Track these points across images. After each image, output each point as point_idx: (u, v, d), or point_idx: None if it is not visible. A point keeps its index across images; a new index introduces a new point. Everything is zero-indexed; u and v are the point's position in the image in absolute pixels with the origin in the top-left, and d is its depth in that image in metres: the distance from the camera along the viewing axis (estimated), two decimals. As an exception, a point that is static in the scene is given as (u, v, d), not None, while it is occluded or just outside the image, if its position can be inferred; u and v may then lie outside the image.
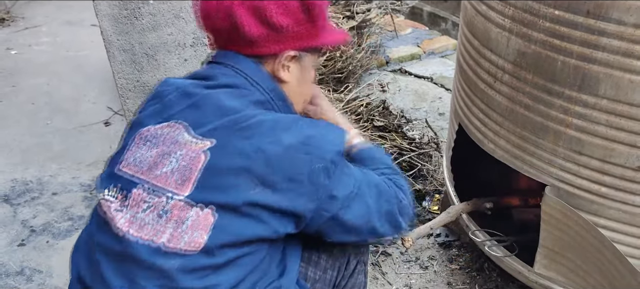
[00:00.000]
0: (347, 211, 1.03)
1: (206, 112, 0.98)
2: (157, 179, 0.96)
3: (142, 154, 0.99)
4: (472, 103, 1.63)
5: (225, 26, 1.00)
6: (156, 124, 1.01)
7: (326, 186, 0.98)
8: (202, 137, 0.96)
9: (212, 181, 0.93)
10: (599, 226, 1.36)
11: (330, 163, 0.98)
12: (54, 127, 3.06)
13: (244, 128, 0.95)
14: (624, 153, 1.25)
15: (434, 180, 2.37)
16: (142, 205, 0.95)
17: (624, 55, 1.15)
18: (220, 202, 0.92)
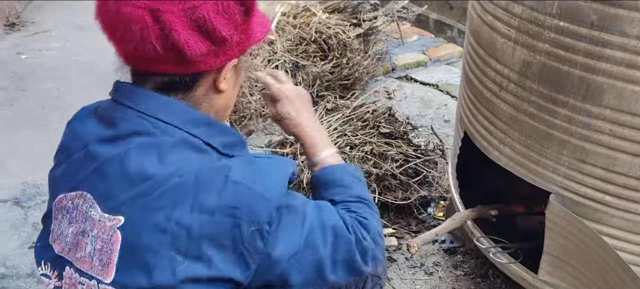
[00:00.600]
0: (293, 270, 0.90)
1: (111, 183, 0.85)
2: (81, 262, 0.87)
3: (63, 230, 0.90)
4: (478, 111, 1.65)
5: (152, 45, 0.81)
6: (67, 192, 0.91)
7: (262, 249, 0.85)
8: (110, 214, 0.84)
9: (131, 263, 0.83)
10: (603, 234, 1.37)
11: (266, 224, 0.84)
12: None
13: (157, 198, 0.82)
14: (627, 162, 1.27)
15: (439, 187, 2.39)
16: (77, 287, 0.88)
17: (627, 66, 1.18)
18: (146, 286, 0.82)
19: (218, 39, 0.85)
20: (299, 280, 0.91)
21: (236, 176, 0.84)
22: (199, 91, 0.91)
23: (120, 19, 0.80)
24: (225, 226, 0.82)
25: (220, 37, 0.84)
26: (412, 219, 2.31)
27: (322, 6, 3.16)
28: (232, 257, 0.83)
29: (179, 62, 0.84)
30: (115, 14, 0.81)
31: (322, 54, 3.05)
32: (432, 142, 2.59)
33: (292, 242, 0.89)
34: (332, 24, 3.04)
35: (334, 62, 3.04)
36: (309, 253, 0.91)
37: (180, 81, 0.88)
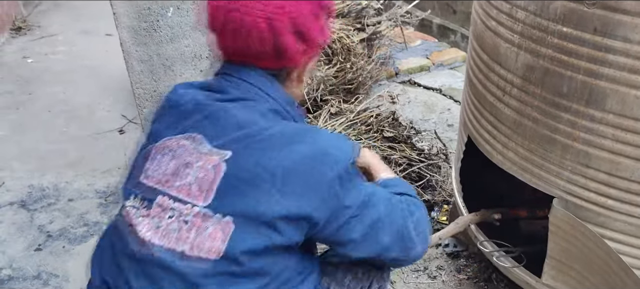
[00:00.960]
0: (357, 223, 1.05)
1: (222, 125, 1.01)
2: (178, 189, 1.00)
3: (162, 165, 1.03)
4: (481, 116, 1.66)
5: (264, 47, 1.01)
6: (173, 136, 1.05)
7: (339, 194, 1.01)
8: (218, 149, 0.99)
9: (230, 191, 0.97)
10: (606, 238, 1.38)
11: (344, 172, 1.02)
12: (69, 135, 3.13)
13: (260, 141, 0.99)
14: (630, 166, 1.28)
15: (442, 191, 2.40)
16: (165, 214, 1.00)
17: (630, 71, 1.19)
18: (239, 212, 0.96)
19: (309, 40, 1.05)
20: (359, 234, 1.06)
21: (319, 136, 1.04)
22: (288, 82, 1.11)
23: (243, 26, 0.99)
24: (313, 168, 0.99)
25: (311, 39, 1.05)
26: (415, 223, 2.31)
27: (326, 11, 3.18)
28: (315, 196, 0.99)
29: (279, 59, 1.04)
30: (240, 23, 0.99)
31: (326, 59, 3.07)
32: (435, 146, 2.60)
33: (359, 195, 1.05)
34: (336, 29, 3.06)
35: (338, 66, 3.05)
36: (370, 211, 1.06)
37: (276, 73, 1.08)
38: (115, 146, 2.99)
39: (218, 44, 1.07)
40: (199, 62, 1.94)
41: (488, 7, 1.55)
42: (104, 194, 2.57)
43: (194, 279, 0.96)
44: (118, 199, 2.52)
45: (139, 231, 1.00)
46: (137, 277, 1.00)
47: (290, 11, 1.00)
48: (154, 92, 1.95)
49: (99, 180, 2.68)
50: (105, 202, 2.51)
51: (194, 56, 1.92)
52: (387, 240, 1.10)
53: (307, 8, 1.03)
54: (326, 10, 1.09)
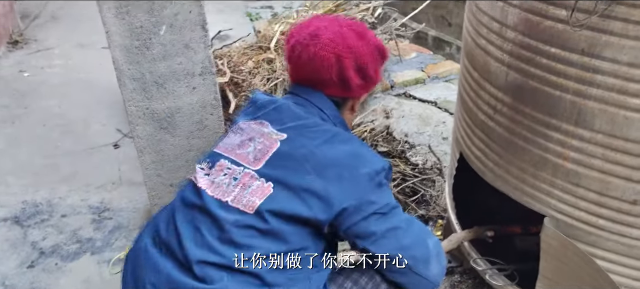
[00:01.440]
0: (382, 218, 1.19)
1: (285, 115, 1.27)
2: (238, 156, 1.23)
3: (232, 139, 1.29)
4: (473, 133, 1.66)
5: (330, 76, 1.25)
6: (247, 120, 1.32)
7: (366, 188, 1.17)
8: (278, 132, 1.23)
9: (278, 163, 1.18)
10: (597, 257, 1.38)
11: (375, 173, 1.19)
12: (64, 149, 3.12)
13: (311, 131, 1.22)
14: (621, 187, 1.28)
15: (436, 205, 2.39)
16: (221, 172, 1.22)
17: (618, 92, 1.19)
18: (280, 180, 1.16)
19: (368, 77, 1.30)
20: (380, 229, 1.18)
21: (360, 144, 1.27)
22: (342, 109, 1.35)
23: (316, 58, 1.25)
24: (348, 162, 1.17)
25: (368, 76, 1.30)
26: (410, 238, 2.31)
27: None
28: (345, 186, 1.15)
29: (343, 89, 1.29)
30: (314, 55, 1.25)
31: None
32: (430, 160, 2.60)
33: (386, 198, 1.21)
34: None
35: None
36: (394, 215, 1.21)
37: (336, 100, 1.32)
38: (109, 160, 2.98)
39: (292, 72, 1.36)
40: (191, 80, 1.94)
41: (478, 26, 1.55)
42: (97, 209, 2.57)
43: (226, 226, 1.13)
44: (112, 215, 2.52)
45: (198, 183, 1.22)
46: (184, 221, 1.18)
47: (356, 51, 1.25)
48: (147, 109, 1.95)
49: (93, 195, 2.67)
50: (99, 218, 2.50)
51: (186, 73, 1.92)
52: (408, 242, 1.22)
53: (368, 50, 1.28)
54: (382, 55, 1.34)
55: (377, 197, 1.19)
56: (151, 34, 1.81)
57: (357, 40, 1.26)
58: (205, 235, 1.14)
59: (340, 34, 1.25)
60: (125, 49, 1.81)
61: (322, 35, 1.25)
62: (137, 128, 1.99)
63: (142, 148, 2.04)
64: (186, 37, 1.85)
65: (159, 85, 1.91)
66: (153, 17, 1.78)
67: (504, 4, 1.38)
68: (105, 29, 1.76)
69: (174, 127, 2.02)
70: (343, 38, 1.25)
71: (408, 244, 1.21)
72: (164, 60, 1.87)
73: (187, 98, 1.97)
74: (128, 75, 1.87)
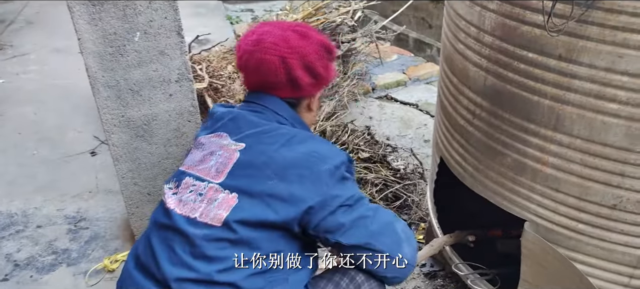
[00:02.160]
0: (348, 210, 1.21)
1: (241, 124, 1.28)
2: (201, 171, 1.25)
3: (195, 156, 1.31)
4: (453, 138, 1.65)
5: (279, 78, 1.27)
6: (206, 135, 1.34)
7: (329, 184, 1.19)
8: (236, 142, 1.25)
9: (240, 173, 1.19)
10: (577, 262, 1.38)
11: (335, 168, 1.20)
12: (40, 157, 3.05)
13: (269, 136, 1.23)
14: (600, 191, 1.28)
15: (418, 209, 2.38)
16: (187, 190, 1.24)
17: (596, 97, 1.19)
18: (243, 189, 1.18)
19: (317, 75, 1.31)
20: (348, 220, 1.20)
21: (318, 142, 1.28)
22: (299, 109, 1.37)
23: (263, 63, 1.27)
24: (308, 162, 1.19)
25: (317, 73, 1.31)
26: (392, 243, 2.30)
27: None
28: (308, 185, 1.17)
29: (293, 88, 1.31)
30: (260, 60, 1.27)
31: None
32: (411, 163, 2.59)
33: (350, 191, 1.23)
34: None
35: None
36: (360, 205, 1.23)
37: (290, 101, 1.34)
38: (86, 168, 2.92)
39: (245, 80, 1.38)
40: (167, 86, 1.90)
41: (456, 30, 1.54)
42: (73, 219, 2.51)
43: (197, 241, 1.15)
44: (88, 224, 2.46)
45: (167, 203, 1.24)
46: (158, 242, 1.20)
47: (299, 51, 1.27)
48: (122, 117, 1.90)
49: (69, 205, 2.61)
50: (75, 229, 2.44)
51: (162, 80, 1.88)
52: (376, 228, 1.23)
53: (313, 48, 1.29)
54: (328, 51, 1.34)
55: (340, 191, 1.20)
56: (125, 41, 1.77)
57: (300, 40, 1.28)
58: (178, 253, 1.16)
59: (283, 36, 1.28)
60: (99, 56, 1.77)
61: (265, 40, 1.27)
62: (113, 136, 1.94)
63: (118, 156, 2.00)
64: (162, 43, 1.82)
65: (134, 92, 1.87)
66: (127, 24, 1.74)
67: (482, 9, 1.38)
68: (77, 36, 1.72)
69: (151, 135, 1.98)
70: (285, 40, 1.27)
71: (377, 230, 1.23)
72: (139, 67, 1.83)
73: (164, 105, 1.93)
74: (102, 82, 1.82)
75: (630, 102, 1.15)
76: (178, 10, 1.80)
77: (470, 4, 1.43)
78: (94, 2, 1.68)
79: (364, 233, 1.22)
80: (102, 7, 1.69)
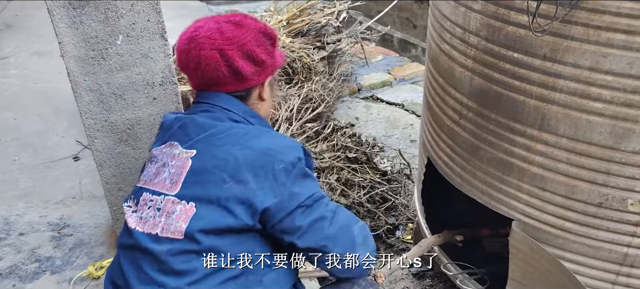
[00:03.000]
0: (307, 211, 1.17)
1: (190, 130, 1.23)
2: (156, 185, 1.21)
3: (149, 170, 1.26)
4: (440, 138, 1.66)
5: (221, 72, 1.21)
6: (158, 146, 1.28)
7: (286, 183, 1.14)
8: (187, 149, 1.20)
9: (194, 180, 1.15)
10: (565, 260, 1.39)
11: (290, 165, 1.15)
12: (21, 164, 2.99)
13: (219, 138, 1.18)
14: (586, 190, 1.28)
15: (406, 210, 2.38)
16: (145, 206, 1.20)
17: (581, 96, 1.19)
18: (200, 197, 1.14)
19: (259, 62, 1.25)
20: (306, 222, 1.16)
21: (271, 136, 1.22)
22: (250, 100, 1.30)
23: (201, 59, 1.21)
24: (262, 160, 1.14)
25: (260, 60, 1.25)
26: (380, 244, 2.30)
27: (285, 31, 3.15)
28: (264, 184, 1.13)
29: (238, 80, 1.25)
30: (198, 57, 1.21)
31: (287, 78, 3.04)
32: (398, 163, 2.59)
33: (310, 190, 1.18)
34: (296, 48, 3.03)
35: (299, 85, 3.02)
36: (319, 205, 1.19)
37: (239, 94, 1.27)
38: (69, 174, 2.87)
39: (190, 82, 1.31)
40: (151, 90, 1.87)
41: (441, 31, 1.54)
42: (57, 226, 2.46)
43: (162, 257, 1.12)
44: (72, 231, 2.42)
45: (128, 223, 1.20)
46: (127, 263, 1.18)
47: (237, 41, 1.21)
48: (105, 122, 1.87)
49: (52, 211, 2.56)
50: (59, 236, 2.40)
51: (146, 84, 1.85)
52: (333, 231, 1.20)
53: (251, 36, 1.23)
54: (268, 36, 1.27)
55: (298, 189, 1.16)
56: (107, 44, 1.74)
57: (235, 29, 1.22)
58: (147, 271, 1.13)
59: (218, 29, 1.22)
60: (80, 60, 1.74)
61: (199, 36, 1.21)
62: (96, 141, 1.91)
63: (102, 162, 1.96)
64: (144, 46, 1.79)
65: (118, 96, 1.84)
66: (108, 27, 1.71)
67: (467, 9, 1.38)
68: (58, 40, 1.68)
69: (135, 140, 1.95)
70: (221, 32, 1.21)
71: (333, 234, 1.20)
72: (122, 71, 1.80)
73: (148, 109, 1.90)
74: (84, 86, 1.79)
75: (614, 101, 1.16)
76: (161, 12, 1.77)
77: (455, 4, 1.43)
78: (75, 5, 1.65)
79: (320, 236, 1.19)
80: (82, 10, 1.66)
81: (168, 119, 1.34)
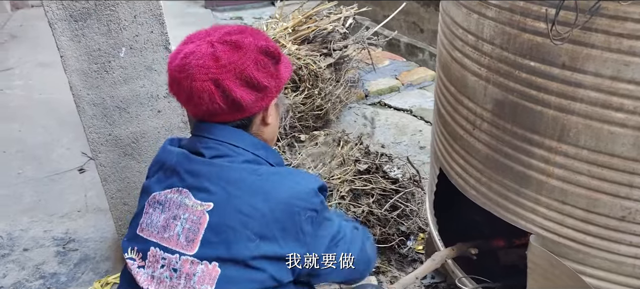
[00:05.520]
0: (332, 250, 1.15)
1: (202, 177, 1.09)
2: (167, 241, 1.09)
3: (153, 219, 1.13)
4: (452, 149, 1.60)
5: (217, 105, 1.08)
6: (161, 190, 1.14)
7: (311, 232, 1.10)
8: (201, 201, 1.07)
9: (214, 238, 1.05)
10: (585, 275, 1.33)
11: (314, 212, 1.10)
12: (25, 177, 2.97)
13: (237, 188, 1.07)
14: (608, 203, 1.23)
15: (417, 219, 2.33)
16: (157, 264, 1.09)
17: (602, 106, 1.14)
18: (223, 257, 1.04)
19: (261, 88, 1.11)
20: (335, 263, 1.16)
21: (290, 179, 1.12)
22: (253, 128, 1.18)
23: (193, 92, 1.06)
24: (288, 213, 1.06)
25: (262, 86, 1.11)
26: (392, 255, 2.24)
27: (291, 38, 3.11)
28: (291, 238, 1.07)
29: (237, 111, 1.11)
30: (189, 89, 1.07)
31: (294, 85, 3.00)
32: (408, 172, 2.54)
33: (331, 229, 1.16)
34: (302, 55, 2.99)
35: (306, 93, 2.98)
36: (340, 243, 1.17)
37: (240, 123, 1.15)
38: (74, 186, 2.84)
39: (187, 111, 1.20)
40: (156, 102, 1.84)
41: (453, 38, 1.49)
42: (62, 241, 2.43)
43: None
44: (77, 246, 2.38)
45: (138, 280, 1.09)
46: None
47: (234, 67, 1.06)
48: (109, 136, 1.84)
49: (57, 226, 2.53)
50: (64, 251, 2.37)
51: (150, 96, 1.82)
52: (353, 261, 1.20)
53: (250, 59, 1.08)
54: (271, 55, 1.12)
55: (323, 233, 1.14)
56: (110, 57, 1.70)
57: (232, 53, 1.07)
58: None
59: (212, 54, 1.06)
60: (83, 74, 1.71)
61: (191, 64, 1.06)
62: (100, 156, 1.87)
63: (107, 176, 1.93)
64: (148, 58, 1.75)
65: (121, 109, 1.80)
66: (111, 39, 1.68)
67: (479, 16, 1.33)
68: (60, 53, 1.66)
69: (139, 153, 1.91)
70: (215, 58, 1.06)
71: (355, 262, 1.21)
72: (126, 84, 1.77)
73: (152, 122, 1.87)
74: (87, 100, 1.76)
75: (637, 111, 1.11)
76: (165, 23, 1.74)
77: (467, 11, 1.38)
78: (76, 18, 1.62)
79: (344, 272, 1.20)
80: (84, 22, 1.63)
81: (170, 156, 1.18)
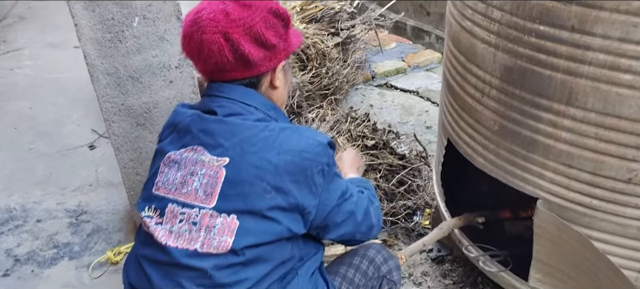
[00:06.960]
0: (340, 208, 1.21)
1: (217, 134, 1.14)
2: (186, 196, 1.13)
3: (170, 177, 1.17)
4: (460, 118, 1.63)
5: (226, 58, 1.12)
6: (177, 150, 1.18)
7: (323, 185, 1.16)
8: (217, 157, 1.12)
9: (232, 192, 1.10)
10: (592, 239, 1.36)
11: (326, 166, 1.16)
12: (37, 152, 3.01)
13: (251, 144, 1.12)
14: (614, 166, 1.25)
15: (424, 194, 2.36)
16: (176, 219, 1.13)
17: (610, 69, 1.16)
18: (241, 209, 1.09)
19: (269, 46, 1.16)
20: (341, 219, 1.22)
21: (301, 136, 1.15)
22: (262, 88, 1.22)
23: (203, 44, 1.11)
24: (301, 166, 1.12)
25: (270, 44, 1.16)
26: (399, 229, 2.27)
27: (299, 17, 3.12)
28: (304, 189, 1.12)
29: (246, 68, 1.16)
30: (200, 42, 1.12)
31: (301, 64, 3.01)
32: (415, 149, 2.56)
33: (340, 185, 1.21)
34: (310, 34, 3.01)
35: (313, 72, 3.00)
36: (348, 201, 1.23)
37: (249, 82, 1.20)
38: (85, 162, 2.88)
39: (197, 69, 1.21)
40: (168, 72, 1.86)
41: (463, 8, 1.51)
42: (74, 213, 2.47)
43: (208, 272, 1.08)
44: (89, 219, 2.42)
45: (156, 236, 1.13)
46: (159, 279, 1.12)
47: (243, 23, 1.12)
48: (122, 105, 1.87)
49: (69, 199, 2.58)
50: (76, 222, 2.41)
51: (162, 66, 1.84)
52: (359, 220, 1.28)
53: (259, 16, 1.14)
54: (280, 17, 1.17)
55: (333, 188, 1.19)
56: (123, 26, 1.73)
57: (242, 10, 1.12)
58: (188, 287, 1.09)
59: (222, 10, 1.11)
60: (97, 43, 1.73)
61: (202, 18, 1.11)
62: (113, 125, 1.90)
63: (119, 146, 1.96)
64: (161, 28, 1.78)
65: (134, 79, 1.83)
66: (125, 9, 1.70)
67: (490, -18, 1.35)
68: (74, 22, 1.68)
69: (152, 124, 1.94)
70: (225, 13, 1.11)
71: (359, 222, 1.28)
72: (139, 54, 1.79)
73: (164, 92, 1.90)
74: (101, 70, 1.78)
75: (645, 72, 1.13)
76: (177, -6, 1.76)
77: (478, -21, 1.40)
78: (91, -13, 1.64)
79: (350, 228, 1.26)
80: (99, -8, 1.65)
81: (183, 118, 1.22)
